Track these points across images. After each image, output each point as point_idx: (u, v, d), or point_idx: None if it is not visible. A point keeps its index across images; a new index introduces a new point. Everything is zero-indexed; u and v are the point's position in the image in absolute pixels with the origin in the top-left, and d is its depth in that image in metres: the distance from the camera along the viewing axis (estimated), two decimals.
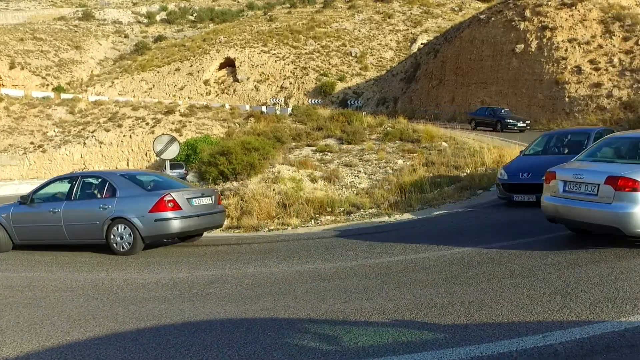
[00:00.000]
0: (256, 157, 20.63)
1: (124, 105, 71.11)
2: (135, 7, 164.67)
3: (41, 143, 62.56)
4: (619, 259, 8.76)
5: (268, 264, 10.92)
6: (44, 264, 12.49)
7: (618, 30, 44.50)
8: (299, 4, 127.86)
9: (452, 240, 11.27)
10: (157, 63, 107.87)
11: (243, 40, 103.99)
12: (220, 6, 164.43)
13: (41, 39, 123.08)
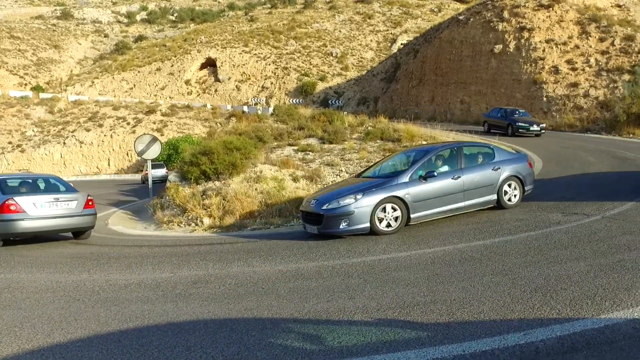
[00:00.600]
0: (238, 156, 20.48)
1: (105, 105, 70.86)
2: (115, 6, 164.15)
3: (20, 143, 62.27)
4: (598, 256, 8.80)
5: (251, 263, 10.89)
6: (24, 265, 12.39)
7: (594, 31, 44.87)
8: (279, 4, 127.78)
9: (433, 239, 11.31)
10: (138, 63, 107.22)
11: (224, 41, 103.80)
12: (201, 6, 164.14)
13: (18, 37, 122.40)
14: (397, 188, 12.45)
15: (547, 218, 12.19)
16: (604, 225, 10.96)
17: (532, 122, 35.79)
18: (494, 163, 13.69)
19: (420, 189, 12.64)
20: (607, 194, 14.71)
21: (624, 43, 42.91)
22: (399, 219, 12.25)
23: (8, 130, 63.93)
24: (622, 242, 9.60)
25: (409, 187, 12.53)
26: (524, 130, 35.05)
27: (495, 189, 13.46)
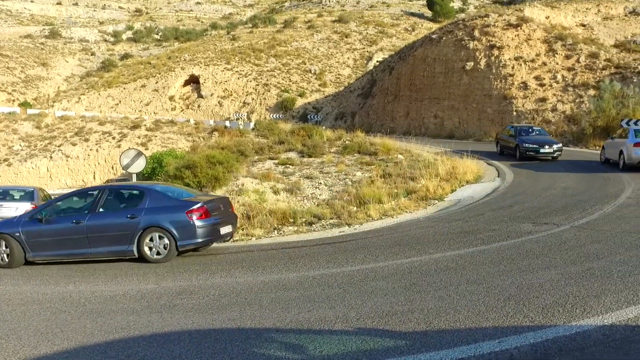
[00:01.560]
0: (220, 170, 20.47)
1: (91, 120, 69.73)
2: (102, 26, 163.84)
3: (6, 157, 61.06)
4: (568, 264, 8.88)
5: (234, 274, 10.79)
6: (10, 277, 12.14)
7: (560, 49, 45.30)
8: (260, 24, 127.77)
9: (410, 249, 11.31)
10: (124, 80, 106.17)
11: (207, 58, 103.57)
12: (185, 26, 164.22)
13: (7, 55, 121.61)
14: (12, 226, 12.86)
15: (519, 228, 12.27)
16: (573, 235, 11.09)
17: (543, 142, 28.09)
18: (135, 210, 12.56)
19: (37, 230, 12.62)
20: (575, 204, 14.84)
21: (588, 60, 43.35)
22: (10, 256, 12.65)
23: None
24: (590, 250, 9.72)
25: (26, 227, 12.67)
26: (533, 152, 27.47)
27: (132, 239, 12.36)
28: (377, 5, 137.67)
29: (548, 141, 28.09)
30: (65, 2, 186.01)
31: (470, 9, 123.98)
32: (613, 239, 10.55)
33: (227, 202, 14.31)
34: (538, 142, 27.77)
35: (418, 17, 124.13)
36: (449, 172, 21.38)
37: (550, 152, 27.09)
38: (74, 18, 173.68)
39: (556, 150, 27.04)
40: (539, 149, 27.15)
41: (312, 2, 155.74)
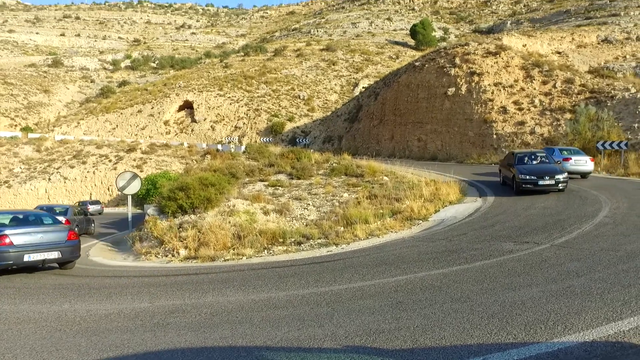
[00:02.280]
0: (213, 191, 20.32)
1: (89, 144, 70.27)
2: (102, 55, 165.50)
3: (7, 179, 61.47)
4: (549, 282, 8.80)
5: (225, 293, 10.67)
6: (7, 296, 11.99)
7: (537, 75, 45.61)
8: (252, 52, 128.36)
9: (396, 268, 11.18)
10: (121, 105, 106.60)
11: (201, 85, 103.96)
12: (180, 54, 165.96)
13: (12, 83, 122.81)
14: None
15: (501, 247, 12.20)
16: (553, 253, 11.02)
17: (545, 171, 22.11)
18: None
19: None
20: (554, 223, 14.78)
21: (564, 85, 43.65)
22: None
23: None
24: (570, 268, 9.65)
25: None
26: (531, 185, 21.72)
27: None
28: (362, 35, 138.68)
29: (550, 170, 22.02)
30: (68, 34, 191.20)
31: (451, 37, 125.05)
32: (592, 257, 10.49)
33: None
34: (537, 172, 21.84)
35: (402, 45, 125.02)
36: (433, 193, 21.34)
37: (551, 184, 21.35)
38: (75, 48, 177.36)
39: (560, 182, 21.33)
40: (536, 180, 21.44)
41: (301, 32, 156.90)
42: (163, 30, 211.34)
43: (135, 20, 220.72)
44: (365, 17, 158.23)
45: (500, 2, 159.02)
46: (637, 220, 14.46)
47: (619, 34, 63.59)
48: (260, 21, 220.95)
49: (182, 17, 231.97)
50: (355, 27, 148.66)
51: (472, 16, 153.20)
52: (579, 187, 22.81)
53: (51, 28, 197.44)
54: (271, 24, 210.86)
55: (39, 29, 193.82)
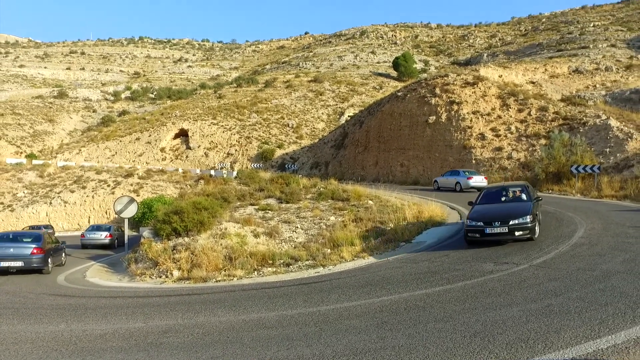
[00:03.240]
0: (206, 215, 20.16)
1: (89, 170, 70.36)
2: (104, 86, 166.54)
3: (10, 203, 61.39)
4: (528, 302, 8.67)
5: (217, 313, 10.51)
6: (6, 316, 11.74)
7: (513, 104, 45.94)
8: (244, 84, 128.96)
9: (381, 289, 11.05)
10: (120, 133, 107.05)
11: (195, 114, 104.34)
12: (177, 86, 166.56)
13: (19, 113, 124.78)
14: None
15: (481, 267, 12.06)
16: (532, 273, 10.89)
17: (497, 215, 15.72)
18: None
19: None
20: (532, 244, 14.66)
21: (539, 113, 43.97)
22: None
23: (1, 192, 63.18)
24: (549, 288, 9.52)
25: None
26: (477, 235, 15.57)
27: None
28: (348, 67, 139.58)
29: (504, 213, 15.70)
30: (74, 67, 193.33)
31: (432, 69, 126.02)
32: (569, 276, 10.34)
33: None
34: (488, 215, 15.76)
35: (385, 77, 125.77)
36: (416, 216, 21.23)
37: (502, 233, 15.07)
38: (80, 80, 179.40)
39: (518, 228, 14.86)
40: (484, 228, 15.30)
41: (290, 64, 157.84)
42: (162, 64, 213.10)
43: (136, 54, 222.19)
44: (351, 51, 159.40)
45: (476, 36, 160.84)
46: (611, 241, 14.30)
47: (588, 64, 64.39)
48: (252, 55, 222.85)
49: (179, 51, 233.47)
50: (341, 60, 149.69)
51: (450, 49, 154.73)
52: (555, 209, 22.70)
53: (58, 62, 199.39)
54: (262, 57, 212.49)
55: (47, 63, 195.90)
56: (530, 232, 15.02)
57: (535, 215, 15.53)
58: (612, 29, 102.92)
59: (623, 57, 70.51)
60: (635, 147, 34.75)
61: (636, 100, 48.66)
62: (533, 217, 15.20)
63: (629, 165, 32.42)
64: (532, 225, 15.02)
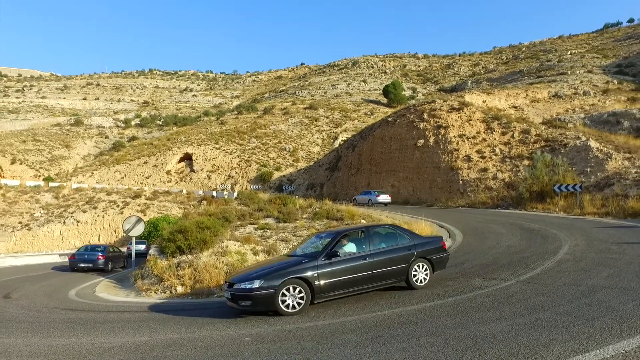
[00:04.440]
0: (208, 234, 20.09)
1: (100, 191, 71.59)
2: (116, 115, 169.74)
3: (27, 222, 62.32)
4: (517, 316, 8.46)
5: (218, 327, 10.30)
6: (21, 330, 11.66)
7: (497, 127, 46.04)
8: (244, 111, 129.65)
9: (374, 304, 10.80)
10: (130, 157, 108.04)
11: (199, 139, 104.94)
12: (182, 113, 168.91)
13: (39, 140, 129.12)
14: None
15: (470, 283, 11.84)
16: (519, 289, 10.67)
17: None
18: None
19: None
20: (519, 261, 14.40)
21: (521, 136, 44.05)
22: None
23: (20, 212, 64.69)
24: (536, 303, 9.31)
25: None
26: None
27: None
28: (341, 95, 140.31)
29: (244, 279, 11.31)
30: (89, 98, 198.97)
31: (419, 96, 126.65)
32: (555, 291, 10.12)
33: None
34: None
35: (376, 103, 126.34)
36: None
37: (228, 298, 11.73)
38: (94, 109, 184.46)
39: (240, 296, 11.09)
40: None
41: (287, 93, 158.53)
42: (169, 93, 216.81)
43: (145, 85, 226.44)
44: (344, 80, 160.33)
45: (461, 65, 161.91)
46: (595, 257, 14.07)
47: (567, 89, 64.71)
48: (252, 84, 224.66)
49: (185, 82, 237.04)
50: (334, 89, 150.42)
51: (437, 77, 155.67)
52: (539, 226, 22.51)
53: (76, 93, 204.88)
54: (261, 86, 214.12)
55: (66, 94, 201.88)
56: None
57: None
58: (588, 56, 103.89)
59: (599, 82, 70.92)
60: (615, 167, 34.70)
61: (614, 122, 48.80)
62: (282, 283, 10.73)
63: (610, 184, 32.39)
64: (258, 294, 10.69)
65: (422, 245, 12.44)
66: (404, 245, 12.09)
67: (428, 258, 12.29)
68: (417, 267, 12.03)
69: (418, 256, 12.10)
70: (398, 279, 11.86)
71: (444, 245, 13.06)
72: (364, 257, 11.37)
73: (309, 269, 10.84)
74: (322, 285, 10.82)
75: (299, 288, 10.66)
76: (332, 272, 10.94)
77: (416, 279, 12.00)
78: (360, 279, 11.20)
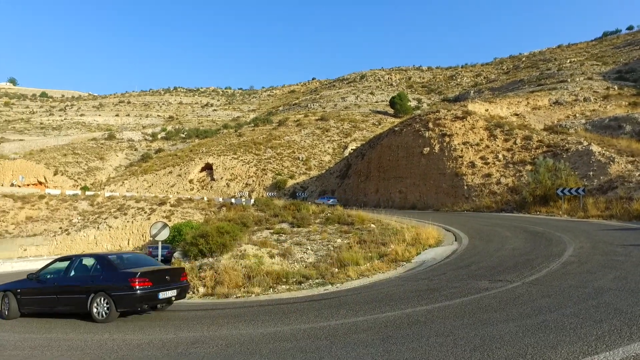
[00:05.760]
0: (227, 238, 20.16)
1: (130, 199, 73.79)
2: (144, 129, 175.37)
3: (67, 228, 65.10)
4: (524, 317, 8.15)
5: (237, 326, 10.22)
6: (60, 326, 11.88)
7: (500, 134, 45.52)
8: (260, 123, 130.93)
9: (385, 305, 10.55)
10: (156, 168, 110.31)
11: (219, 150, 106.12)
12: (204, 126, 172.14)
13: (78, 153, 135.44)
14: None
15: (477, 285, 11.47)
16: (525, 290, 10.29)
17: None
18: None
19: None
20: (524, 263, 13.91)
21: (524, 142, 43.45)
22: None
23: (60, 218, 67.46)
24: (542, 304, 8.96)
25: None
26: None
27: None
28: (350, 107, 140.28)
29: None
30: (121, 114, 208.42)
31: (424, 106, 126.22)
32: (562, 293, 9.71)
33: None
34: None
35: (383, 114, 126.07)
36: (414, 237, 20.74)
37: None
38: (125, 125, 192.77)
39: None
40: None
41: (300, 105, 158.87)
42: (191, 109, 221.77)
43: (170, 102, 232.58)
44: (352, 93, 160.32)
45: (463, 76, 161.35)
46: (601, 259, 13.48)
47: (567, 96, 63.99)
48: (267, 99, 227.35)
49: (206, 97, 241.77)
50: (344, 101, 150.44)
51: (440, 88, 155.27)
52: (543, 229, 21.92)
53: (109, 111, 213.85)
54: (276, 100, 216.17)
55: (101, 112, 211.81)
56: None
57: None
58: (588, 63, 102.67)
59: (600, 88, 69.90)
60: (618, 170, 33.81)
61: (615, 127, 48.00)
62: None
63: (613, 187, 31.51)
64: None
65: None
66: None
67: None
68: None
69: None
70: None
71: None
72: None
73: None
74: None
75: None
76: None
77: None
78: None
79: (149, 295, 12.00)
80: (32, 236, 63.83)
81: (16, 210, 69.74)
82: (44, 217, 68.17)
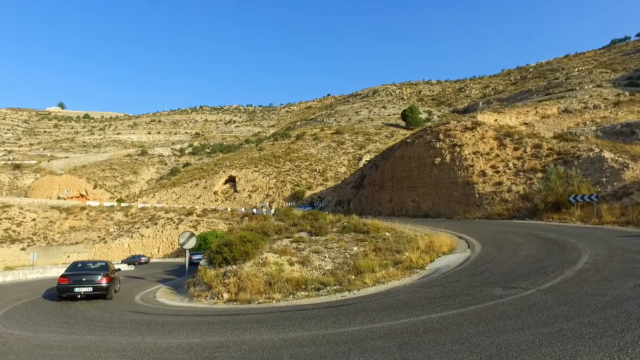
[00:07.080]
0: (250, 247, 20.18)
1: (160, 210, 77.10)
2: (173, 145, 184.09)
3: (104, 237, 69.18)
4: (539, 326, 7.69)
5: (260, 331, 10.04)
6: (99, 329, 12.12)
7: (509, 144, 44.77)
8: (279, 138, 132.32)
9: (400, 312, 10.17)
10: (184, 181, 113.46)
11: (241, 164, 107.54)
12: (227, 142, 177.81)
13: (114, 168, 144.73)
14: None
15: (491, 292, 10.94)
16: (540, 298, 9.73)
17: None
18: None
19: None
20: (538, 270, 13.13)
21: (534, 150, 42.55)
22: None
23: (99, 228, 71.54)
24: (558, 312, 8.44)
25: None
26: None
27: None
28: (364, 120, 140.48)
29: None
30: (153, 132, 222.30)
31: (435, 118, 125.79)
32: (578, 301, 9.08)
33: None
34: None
35: (395, 126, 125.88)
36: (428, 245, 20.30)
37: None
38: (156, 141, 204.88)
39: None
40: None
41: (316, 120, 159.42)
42: (216, 125, 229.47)
43: (197, 119, 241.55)
44: (366, 107, 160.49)
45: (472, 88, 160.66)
46: (619, 266, 12.51)
47: (577, 104, 62.95)
48: (286, 114, 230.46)
49: (229, 115, 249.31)
50: (358, 115, 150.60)
51: (450, 100, 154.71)
52: (557, 236, 20.72)
53: (142, 129, 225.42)
54: (294, 116, 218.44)
55: (135, 130, 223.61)
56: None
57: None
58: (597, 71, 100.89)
59: (610, 95, 68.48)
60: (633, 176, 32.53)
61: (628, 133, 46.71)
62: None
63: (629, 193, 30.11)
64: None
65: None
66: None
67: None
68: None
69: None
70: None
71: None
72: None
73: None
74: None
75: None
76: None
77: None
78: None
79: (66, 289, 18.58)
80: (74, 244, 67.81)
81: (61, 220, 73.84)
82: (84, 227, 72.04)
